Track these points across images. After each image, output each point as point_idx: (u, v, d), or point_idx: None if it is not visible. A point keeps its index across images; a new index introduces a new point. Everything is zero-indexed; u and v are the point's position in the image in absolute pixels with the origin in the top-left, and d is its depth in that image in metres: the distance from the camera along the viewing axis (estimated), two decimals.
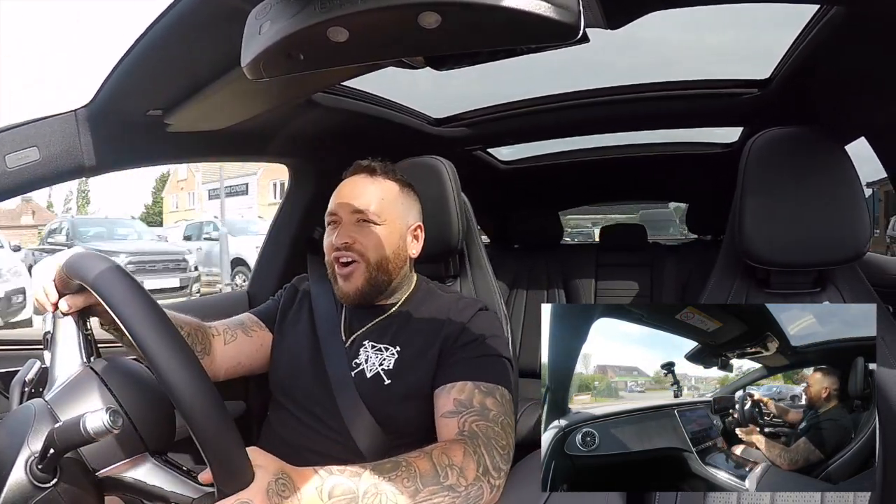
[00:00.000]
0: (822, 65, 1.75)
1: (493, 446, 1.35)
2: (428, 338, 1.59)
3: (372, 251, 1.61)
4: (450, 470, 1.25)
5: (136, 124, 1.63)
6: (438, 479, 1.23)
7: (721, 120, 2.79)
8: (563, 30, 0.78)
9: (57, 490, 0.94)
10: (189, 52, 1.32)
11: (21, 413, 1.03)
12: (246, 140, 2.08)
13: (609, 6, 1.08)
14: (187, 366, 0.93)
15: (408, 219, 1.69)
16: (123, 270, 1.01)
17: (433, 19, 0.79)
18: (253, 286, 2.60)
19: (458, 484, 1.25)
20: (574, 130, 2.98)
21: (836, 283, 1.63)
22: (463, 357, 1.54)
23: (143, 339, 0.92)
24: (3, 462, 0.94)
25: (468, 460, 1.29)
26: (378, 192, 1.65)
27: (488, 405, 1.44)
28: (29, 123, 1.48)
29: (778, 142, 1.59)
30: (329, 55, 0.89)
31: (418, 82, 1.89)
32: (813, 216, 1.52)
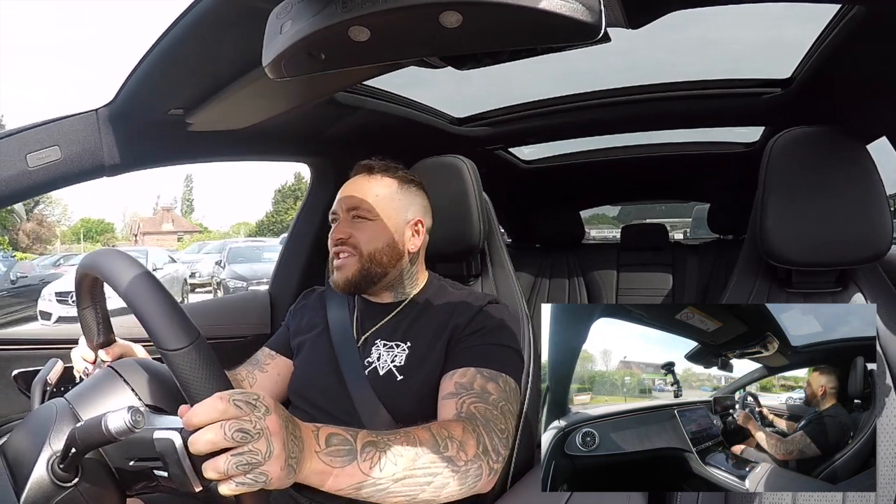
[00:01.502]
0: (844, 64, 1.73)
1: (492, 429, 1.35)
2: (437, 330, 1.61)
3: (365, 244, 1.66)
4: (450, 442, 1.24)
5: (157, 124, 1.64)
6: (438, 449, 1.21)
7: (742, 119, 2.77)
8: (585, 29, 0.77)
9: (78, 489, 0.94)
10: (210, 52, 1.32)
11: (43, 412, 1.03)
12: (267, 140, 2.08)
13: (630, 5, 1.07)
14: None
15: (406, 214, 1.71)
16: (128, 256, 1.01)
17: (454, 19, 0.79)
18: (274, 286, 2.60)
19: (457, 458, 1.23)
20: (595, 130, 2.96)
21: (858, 283, 1.61)
22: (468, 345, 1.55)
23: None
24: (26, 461, 0.95)
25: (468, 436, 1.28)
26: (372, 190, 1.70)
27: (489, 389, 1.45)
28: (50, 122, 1.49)
29: (799, 141, 1.58)
30: (350, 54, 0.89)
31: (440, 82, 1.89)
32: (835, 215, 1.51)
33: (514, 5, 0.75)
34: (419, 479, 1.16)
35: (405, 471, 1.14)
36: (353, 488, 1.09)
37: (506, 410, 1.43)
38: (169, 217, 71.85)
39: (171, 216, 72.27)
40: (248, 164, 3.59)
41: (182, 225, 72.05)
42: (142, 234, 68.31)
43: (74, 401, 1.04)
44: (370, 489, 1.10)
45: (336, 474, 1.06)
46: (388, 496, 1.13)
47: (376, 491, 1.11)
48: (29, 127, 1.46)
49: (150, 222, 71.48)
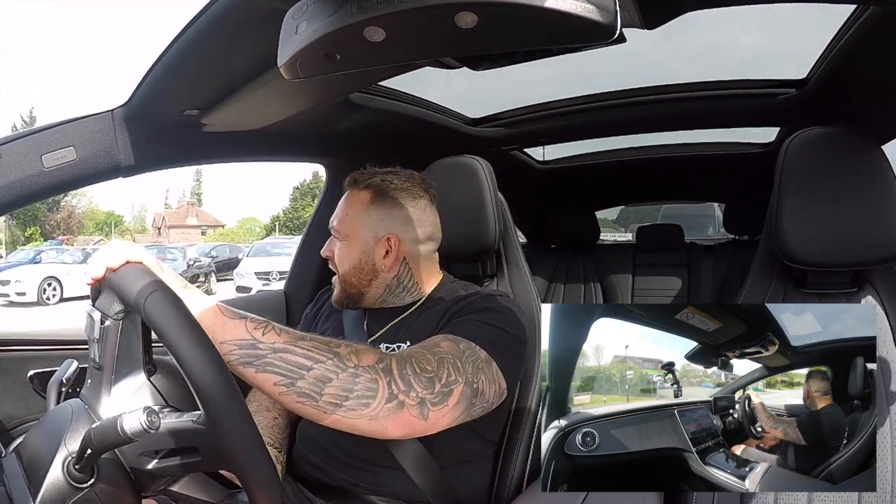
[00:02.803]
0: (859, 64, 1.73)
1: (410, 362, 1.27)
2: (436, 322, 1.58)
3: (340, 264, 1.67)
4: (346, 346, 1.22)
5: (172, 124, 1.64)
6: (329, 346, 1.19)
7: (758, 120, 2.76)
8: (600, 30, 0.77)
9: (94, 490, 0.94)
10: (225, 52, 1.32)
11: (58, 413, 1.03)
12: (282, 140, 2.09)
13: (645, 6, 1.07)
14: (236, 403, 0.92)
15: (376, 231, 1.65)
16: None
17: (470, 19, 0.79)
18: (289, 286, 2.62)
19: (347, 357, 1.19)
20: (611, 130, 2.96)
21: (874, 283, 1.61)
22: (454, 322, 1.52)
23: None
24: (41, 462, 0.95)
25: (370, 352, 1.24)
26: (344, 208, 1.68)
27: (438, 342, 1.39)
28: (66, 123, 1.49)
29: (815, 142, 1.58)
30: (366, 55, 0.89)
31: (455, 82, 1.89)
32: (850, 216, 1.50)
33: (530, 6, 0.75)
34: (299, 359, 1.13)
35: (286, 344, 1.14)
36: (236, 345, 1.10)
37: (445, 360, 1.33)
38: (193, 211, 72.59)
39: (195, 210, 73.05)
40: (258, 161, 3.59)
41: (206, 219, 72.72)
42: (166, 227, 69.13)
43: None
44: (251, 352, 1.11)
45: (225, 324, 1.10)
46: (267, 368, 1.11)
47: (256, 358, 1.11)
48: (44, 127, 1.47)
49: (174, 216, 72.29)
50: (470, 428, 1.50)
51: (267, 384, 1.11)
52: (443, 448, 1.52)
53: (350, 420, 1.16)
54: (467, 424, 1.43)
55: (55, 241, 42.72)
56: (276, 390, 1.12)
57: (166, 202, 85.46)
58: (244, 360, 1.10)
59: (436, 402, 1.25)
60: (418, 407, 1.22)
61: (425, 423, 1.24)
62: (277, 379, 1.11)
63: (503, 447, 1.71)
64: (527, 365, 1.69)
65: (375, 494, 1.52)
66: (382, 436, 1.22)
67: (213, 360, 0.91)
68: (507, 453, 1.70)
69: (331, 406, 1.14)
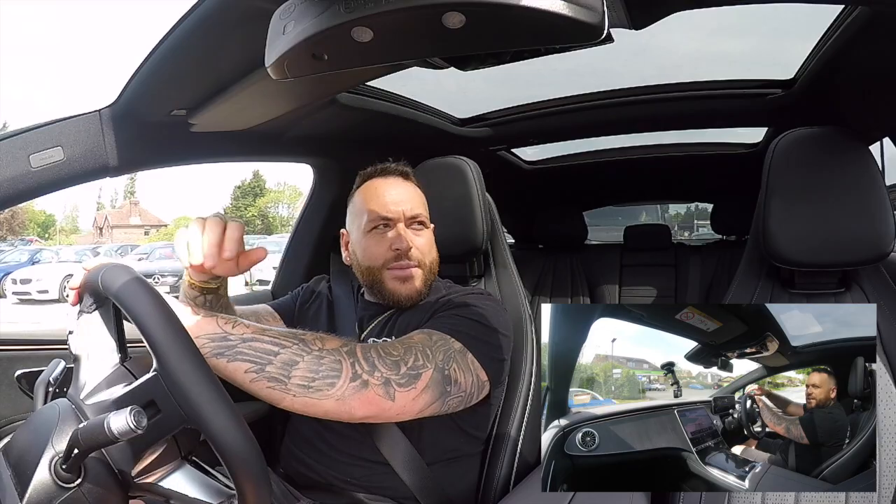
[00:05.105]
0: (847, 65, 1.73)
1: (374, 348, 1.31)
2: (421, 319, 1.59)
3: (427, 255, 1.67)
4: (312, 334, 1.27)
5: (160, 124, 1.63)
6: (296, 335, 1.24)
7: (745, 120, 2.77)
8: (588, 30, 0.77)
9: (81, 490, 0.94)
10: (213, 53, 1.32)
11: (46, 413, 1.03)
12: (270, 140, 2.08)
13: (633, 7, 1.07)
14: (221, 404, 0.92)
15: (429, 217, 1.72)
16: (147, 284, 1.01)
17: (458, 20, 0.79)
18: (276, 285, 2.60)
19: (312, 342, 1.23)
20: (599, 131, 2.96)
21: (861, 284, 1.62)
22: (436, 318, 1.55)
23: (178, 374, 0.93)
24: (28, 462, 0.94)
25: (335, 338, 1.29)
26: (420, 197, 1.70)
27: (410, 335, 1.43)
28: (53, 123, 1.49)
29: (802, 142, 1.59)
30: (353, 55, 0.89)
31: (442, 82, 1.89)
32: (837, 216, 1.52)
33: (518, 6, 0.75)
34: (266, 346, 1.18)
35: (254, 334, 1.19)
36: (209, 338, 1.16)
37: (413, 347, 1.36)
38: (136, 210, 71.59)
39: (138, 210, 71.93)
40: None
41: (149, 219, 71.78)
42: (109, 227, 68.25)
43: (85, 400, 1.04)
44: (222, 344, 1.16)
45: (198, 321, 1.18)
46: (238, 357, 1.16)
47: (227, 348, 1.16)
48: (32, 127, 1.46)
49: (117, 215, 71.06)
50: (455, 424, 1.51)
51: (238, 372, 1.15)
52: (429, 444, 1.53)
53: (318, 401, 1.20)
54: (451, 420, 1.44)
55: (23, 241, 42.29)
56: (248, 377, 1.16)
57: (99, 201, 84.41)
58: (216, 352, 1.15)
59: (402, 384, 1.28)
60: (383, 387, 1.25)
61: (392, 403, 1.27)
62: (248, 366, 1.15)
63: (490, 446, 1.71)
64: (513, 364, 1.69)
65: (363, 491, 1.52)
66: (350, 417, 1.25)
67: (166, 315, 0.95)
68: (495, 453, 1.70)
69: (300, 389, 1.18)
